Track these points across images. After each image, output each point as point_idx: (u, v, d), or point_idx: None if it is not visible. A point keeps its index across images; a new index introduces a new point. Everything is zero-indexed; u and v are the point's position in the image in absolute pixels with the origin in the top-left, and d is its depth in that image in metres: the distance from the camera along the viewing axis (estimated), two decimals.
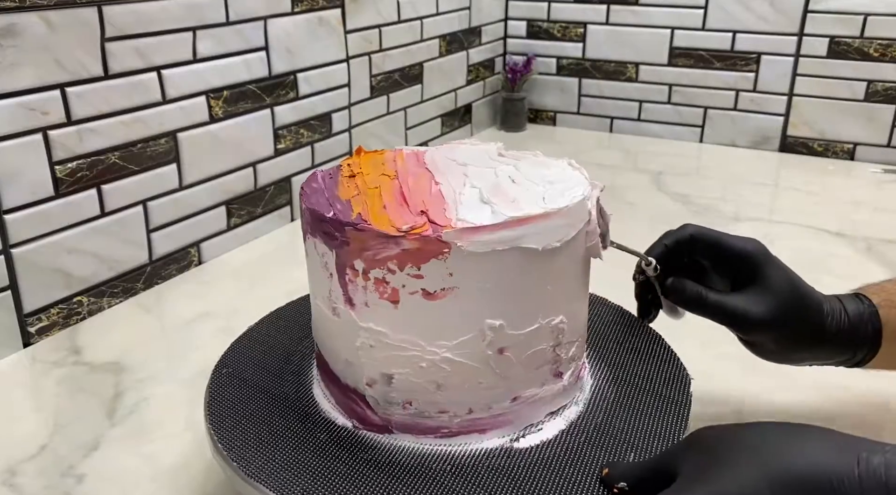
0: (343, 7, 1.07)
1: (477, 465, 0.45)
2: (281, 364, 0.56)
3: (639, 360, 0.56)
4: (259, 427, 0.49)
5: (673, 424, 0.49)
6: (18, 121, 0.71)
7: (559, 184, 0.48)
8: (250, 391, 0.53)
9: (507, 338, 0.45)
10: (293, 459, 0.46)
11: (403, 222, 0.44)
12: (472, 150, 0.55)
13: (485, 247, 0.43)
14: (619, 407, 0.50)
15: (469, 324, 0.44)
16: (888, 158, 1.32)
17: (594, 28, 1.48)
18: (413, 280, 0.43)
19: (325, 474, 0.45)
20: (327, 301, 0.48)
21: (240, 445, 0.47)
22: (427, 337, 0.45)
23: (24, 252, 0.73)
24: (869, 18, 1.27)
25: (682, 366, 0.55)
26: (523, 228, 0.43)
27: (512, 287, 0.44)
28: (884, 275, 0.91)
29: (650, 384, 0.53)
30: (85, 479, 0.57)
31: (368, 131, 1.18)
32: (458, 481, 0.44)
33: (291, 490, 0.43)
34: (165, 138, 0.85)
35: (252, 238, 1.00)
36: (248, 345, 0.59)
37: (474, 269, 0.43)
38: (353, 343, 0.47)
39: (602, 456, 0.46)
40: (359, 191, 0.49)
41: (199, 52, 0.87)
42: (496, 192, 0.47)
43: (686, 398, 0.51)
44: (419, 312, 0.44)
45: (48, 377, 0.71)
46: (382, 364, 0.46)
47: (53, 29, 0.72)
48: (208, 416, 0.50)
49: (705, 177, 1.29)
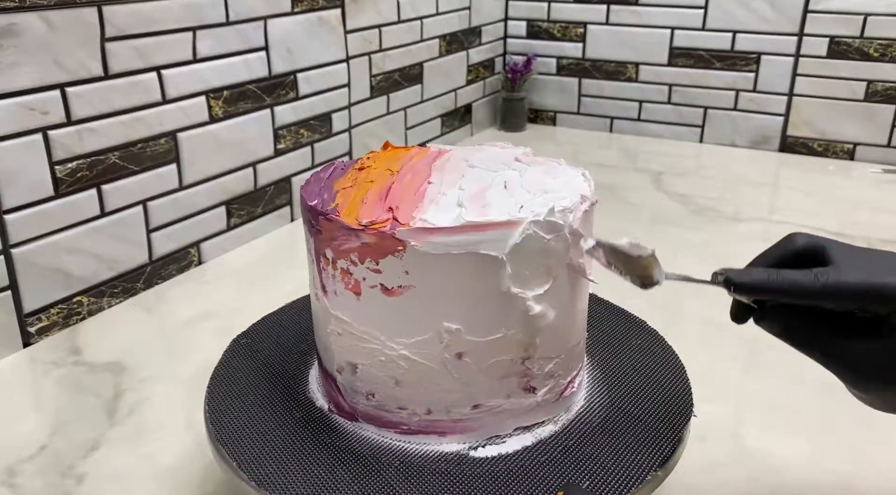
0: (343, 7, 1.07)
1: (426, 467, 0.45)
2: (293, 344, 0.58)
3: (646, 386, 0.53)
4: (248, 398, 0.52)
5: (647, 461, 0.45)
6: (18, 121, 0.71)
7: (552, 194, 0.46)
8: (256, 367, 0.55)
9: (466, 344, 0.45)
10: (262, 433, 0.48)
11: (372, 217, 0.44)
12: (493, 153, 0.55)
13: (440, 248, 0.43)
14: (600, 433, 0.48)
15: (426, 325, 0.45)
16: (888, 158, 1.32)
17: (594, 28, 1.48)
18: (372, 274, 0.44)
19: (281, 449, 0.47)
20: (313, 286, 0.50)
21: (224, 412, 0.50)
22: (386, 332, 0.46)
23: (24, 252, 0.73)
24: (869, 18, 1.27)
25: (690, 399, 0.51)
26: (480, 234, 0.43)
27: (470, 292, 0.44)
28: None
29: (645, 413, 0.50)
30: (85, 479, 0.57)
31: (368, 131, 1.18)
32: (401, 479, 0.44)
33: (240, 454, 0.46)
34: (165, 138, 0.85)
35: (252, 238, 1.00)
36: (270, 323, 0.61)
37: (431, 270, 0.43)
38: (326, 328, 0.48)
39: (557, 479, 0.44)
40: (353, 183, 0.49)
41: (199, 52, 0.87)
42: (476, 197, 0.46)
43: (675, 437, 0.48)
44: (379, 306, 0.45)
45: (48, 377, 0.71)
46: (348, 352, 0.48)
47: (53, 29, 0.72)
48: (208, 393, 0.53)
49: (705, 177, 1.29)
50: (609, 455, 0.46)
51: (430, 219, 0.43)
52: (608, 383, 0.54)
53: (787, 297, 0.42)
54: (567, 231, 0.45)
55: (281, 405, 0.51)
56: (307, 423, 0.49)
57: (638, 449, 0.47)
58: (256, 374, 0.54)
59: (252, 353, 0.57)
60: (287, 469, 0.45)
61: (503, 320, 0.45)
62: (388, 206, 0.45)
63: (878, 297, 0.40)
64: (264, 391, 0.53)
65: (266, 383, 0.53)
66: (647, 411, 0.50)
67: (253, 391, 0.53)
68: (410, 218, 0.44)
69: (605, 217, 0.52)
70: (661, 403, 0.51)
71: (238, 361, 0.56)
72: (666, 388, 0.53)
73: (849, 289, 0.40)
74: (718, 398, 0.56)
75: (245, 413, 0.50)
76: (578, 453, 0.47)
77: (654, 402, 0.51)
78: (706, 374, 0.52)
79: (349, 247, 0.44)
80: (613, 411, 0.51)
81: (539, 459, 0.46)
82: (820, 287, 0.41)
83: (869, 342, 0.41)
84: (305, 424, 0.49)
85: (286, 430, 0.49)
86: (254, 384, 0.53)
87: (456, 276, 0.43)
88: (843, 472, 0.58)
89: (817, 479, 0.57)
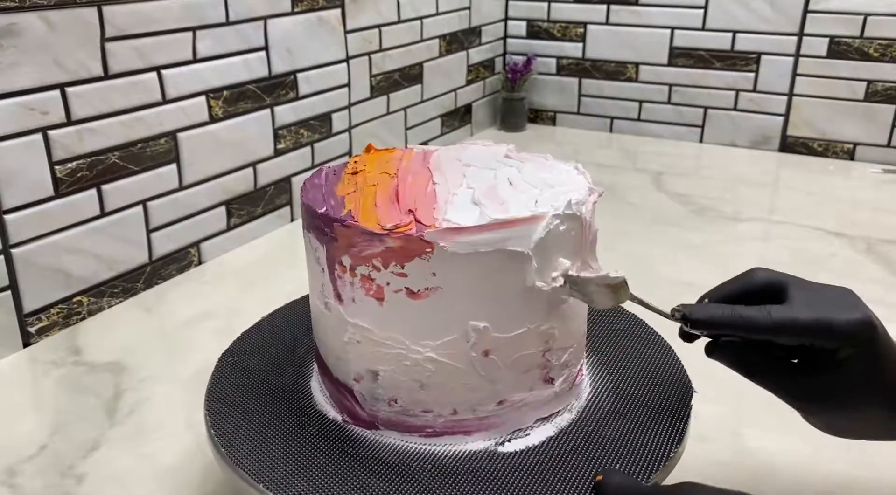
0: (343, 7, 1.07)
1: (458, 467, 0.45)
2: (284, 355, 0.57)
3: (641, 367, 0.55)
4: (252, 417, 0.50)
5: (667, 437, 0.47)
6: (18, 121, 0.71)
7: (558, 188, 0.47)
8: (251, 384, 0.53)
9: (492, 341, 0.45)
10: (280, 450, 0.47)
11: (391, 220, 0.44)
12: (480, 151, 0.55)
13: (468, 247, 0.42)
14: (614, 417, 0.50)
15: (453, 325, 0.44)
16: (888, 158, 1.32)
17: (594, 28, 1.48)
18: (397, 278, 0.44)
19: (307, 466, 0.45)
20: (320, 295, 0.48)
21: (231, 433, 0.48)
22: (411, 335, 0.45)
23: (24, 252, 0.73)
24: (869, 18, 1.27)
25: (686, 377, 0.53)
26: (507, 231, 0.43)
27: (496, 289, 0.44)
28: (884, 275, 0.91)
29: (650, 394, 0.52)
30: (85, 479, 0.57)
31: (368, 131, 1.18)
32: (437, 481, 0.44)
33: (266, 475, 0.44)
34: (165, 138, 0.85)
35: (252, 238, 1.00)
36: (252, 339, 0.59)
37: (458, 270, 0.43)
38: (341, 338, 0.47)
39: (588, 466, 0.45)
40: (356, 188, 0.49)
41: (199, 52, 0.87)
42: (489, 194, 0.46)
43: (685, 411, 0.50)
44: (403, 310, 0.44)
45: (48, 377, 0.71)
46: (368, 360, 0.47)
47: (53, 29, 0.72)
48: (207, 403, 0.51)
49: (705, 177, 1.29)
50: (629, 436, 0.47)
51: (454, 219, 0.43)
52: (606, 369, 0.55)
53: (741, 333, 0.44)
54: (582, 223, 0.46)
55: (292, 421, 0.49)
56: (325, 437, 0.48)
57: (654, 427, 0.48)
58: (255, 393, 0.52)
59: (245, 371, 0.55)
60: (319, 485, 0.44)
61: (527, 315, 0.45)
62: (406, 209, 0.45)
63: (826, 333, 0.42)
64: (269, 409, 0.51)
65: (269, 400, 0.52)
66: (650, 391, 0.52)
67: (258, 412, 0.50)
68: (433, 219, 0.43)
69: (605, 217, 0.52)
70: (659, 382, 0.53)
71: (233, 379, 0.54)
72: (659, 368, 0.55)
73: (799, 325, 0.43)
74: (718, 398, 0.56)
75: (259, 436, 0.48)
76: (600, 438, 0.48)
77: (653, 382, 0.53)
78: (706, 374, 0.52)
79: (371, 252, 0.43)
80: (619, 395, 0.52)
81: (564, 448, 0.47)
82: (771, 323, 0.43)
83: (818, 376, 0.44)
84: (324, 438, 0.48)
85: (307, 446, 0.47)
86: (256, 405, 0.51)
87: (482, 274, 0.43)
88: (843, 472, 0.58)
89: (817, 479, 0.57)
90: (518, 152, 0.55)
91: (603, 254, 0.50)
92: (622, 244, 0.96)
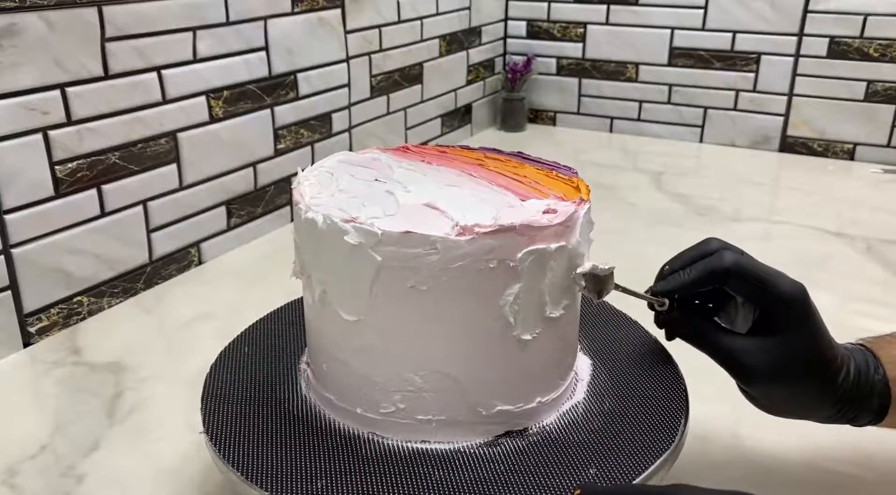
0: (343, 7, 1.07)
1: (455, 466, 0.45)
2: (284, 356, 0.57)
3: (638, 368, 0.54)
4: (250, 418, 0.50)
5: (666, 437, 0.47)
6: (18, 121, 0.71)
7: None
8: (250, 384, 0.54)
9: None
10: (278, 451, 0.47)
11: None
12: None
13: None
14: (611, 417, 0.50)
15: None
16: (888, 158, 1.32)
17: (594, 28, 1.48)
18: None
19: (306, 466, 0.45)
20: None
21: (229, 433, 0.48)
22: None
23: (24, 252, 0.73)
24: (869, 18, 1.27)
25: (675, 365, 0.54)
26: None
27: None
28: (884, 275, 0.91)
29: (641, 380, 0.53)
30: (85, 479, 0.57)
31: (368, 131, 1.18)
32: (436, 481, 0.44)
33: (263, 476, 0.44)
34: (165, 138, 0.85)
35: (252, 238, 1.00)
36: (252, 339, 0.59)
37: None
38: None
39: (588, 466, 0.45)
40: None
41: (200, 52, 0.87)
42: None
43: (682, 394, 0.51)
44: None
45: (48, 377, 0.71)
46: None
47: (53, 29, 0.72)
48: (203, 402, 0.52)
49: (705, 177, 1.29)
50: (626, 436, 0.48)
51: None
52: (603, 371, 0.55)
53: (707, 283, 0.49)
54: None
55: (291, 421, 0.49)
56: (324, 437, 0.48)
57: (652, 427, 0.49)
58: (253, 393, 0.53)
59: (244, 371, 0.55)
60: (318, 485, 0.44)
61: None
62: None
63: (773, 285, 0.47)
64: (267, 409, 0.51)
65: (267, 400, 0.52)
66: (642, 378, 0.53)
67: (255, 412, 0.51)
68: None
69: (605, 217, 0.52)
70: (649, 370, 0.54)
71: (232, 379, 0.55)
72: (648, 359, 0.56)
73: (754, 271, 0.48)
74: (718, 398, 0.56)
75: (256, 437, 0.48)
76: (597, 438, 0.48)
77: (643, 370, 0.54)
78: (705, 374, 0.52)
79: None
80: (617, 396, 0.52)
81: (562, 448, 0.47)
82: (732, 263, 0.48)
83: (755, 339, 0.48)
84: (322, 438, 0.48)
85: (306, 447, 0.47)
86: (254, 405, 0.51)
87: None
88: (843, 472, 0.58)
89: (817, 479, 0.57)
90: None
91: (603, 254, 0.50)
92: (622, 244, 0.96)
